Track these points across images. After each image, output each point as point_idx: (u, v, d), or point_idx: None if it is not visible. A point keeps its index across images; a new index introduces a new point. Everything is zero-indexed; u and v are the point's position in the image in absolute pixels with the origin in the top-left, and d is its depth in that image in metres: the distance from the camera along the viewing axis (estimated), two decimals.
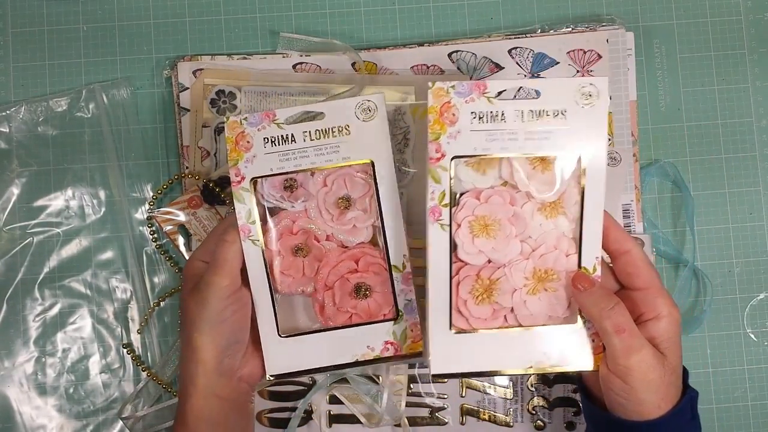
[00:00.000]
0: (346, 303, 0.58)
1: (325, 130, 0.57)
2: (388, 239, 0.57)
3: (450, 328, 0.55)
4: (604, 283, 0.55)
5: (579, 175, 0.54)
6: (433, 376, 0.56)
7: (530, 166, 0.54)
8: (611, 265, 0.57)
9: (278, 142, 0.57)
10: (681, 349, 0.54)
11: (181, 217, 0.70)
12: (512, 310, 0.56)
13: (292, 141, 0.57)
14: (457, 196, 0.55)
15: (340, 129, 0.57)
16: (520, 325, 0.56)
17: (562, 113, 0.53)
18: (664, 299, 0.54)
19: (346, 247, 0.59)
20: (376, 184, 0.57)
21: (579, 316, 0.55)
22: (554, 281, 0.55)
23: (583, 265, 0.55)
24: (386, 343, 0.58)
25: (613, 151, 0.68)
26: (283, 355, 0.58)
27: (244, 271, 0.57)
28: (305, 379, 0.68)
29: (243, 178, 0.57)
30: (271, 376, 0.58)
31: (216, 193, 0.69)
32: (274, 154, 0.57)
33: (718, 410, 0.71)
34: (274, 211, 0.59)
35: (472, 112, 0.53)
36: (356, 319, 0.58)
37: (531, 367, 0.55)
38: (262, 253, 0.57)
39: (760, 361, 0.71)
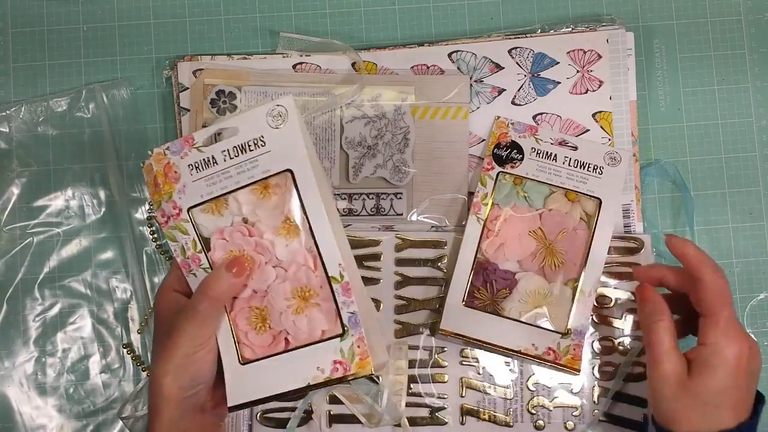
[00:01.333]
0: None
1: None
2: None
3: (239, 361, 0.57)
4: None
5: (294, 190, 0.57)
6: (229, 408, 0.57)
7: (255, 196, 0.58)
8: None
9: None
10: (732, 378, 0.55)
11: None
12: (287, 331, 0.58)
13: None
14: (209, 240, 0.58)
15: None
16: (300, 345, 0.57)
17: (260, 140, 0.57)
18: (714, 331, 0.56)
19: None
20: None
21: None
22: (315, 296, 0.57)
23: (330, 274, 0.56)
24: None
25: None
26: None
27: None
28: None
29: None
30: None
31: None
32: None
33: None
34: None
35: (189, 165, 0.57)
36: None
37: (309, 383, 0.56)
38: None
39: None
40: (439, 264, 0.69)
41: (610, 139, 0.71)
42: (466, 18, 0.73)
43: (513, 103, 0.71)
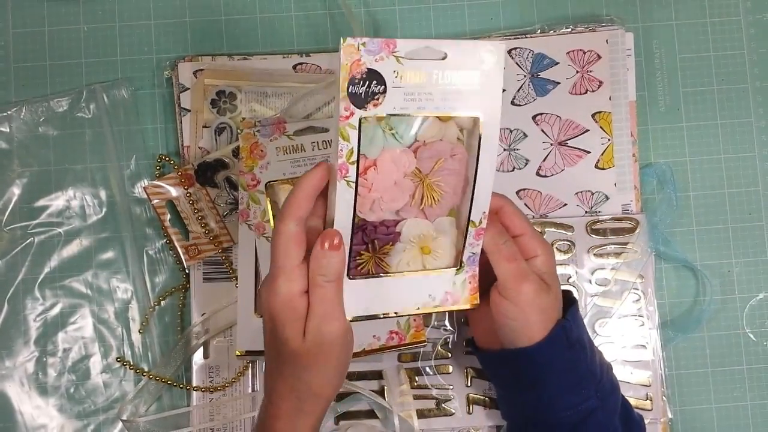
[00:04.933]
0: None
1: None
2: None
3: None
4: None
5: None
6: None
7: None
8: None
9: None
10: (558, 282, 0.60)
11: (172, 192, 0.70)
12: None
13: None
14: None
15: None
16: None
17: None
18: (537, 241, 0.60)
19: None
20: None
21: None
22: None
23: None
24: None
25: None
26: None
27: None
28: None
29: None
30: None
31: (208, 175, 0.69)
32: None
33: (717, 410, 0.71)
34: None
35: (276, 148, 0.67)
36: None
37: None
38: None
39: (760, 361, 0.72)
40: None
41: (609, 140, 0.71)
42: (466, 18, 0.73)
43: (512, 103, 0.72)
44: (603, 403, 0.59)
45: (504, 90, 0.71)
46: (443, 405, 0.69)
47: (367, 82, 0.53)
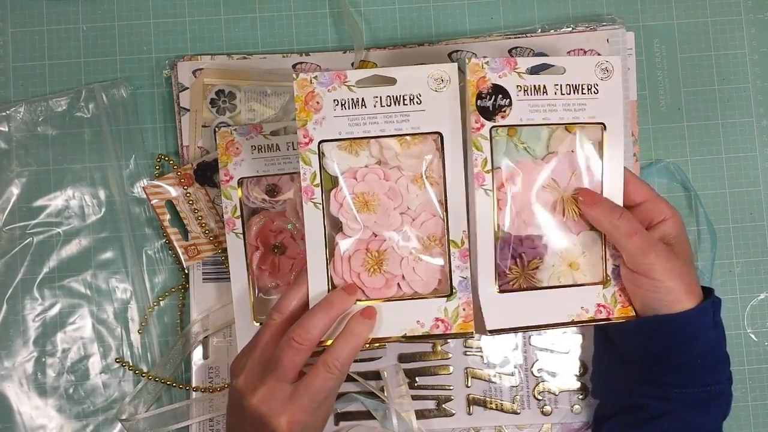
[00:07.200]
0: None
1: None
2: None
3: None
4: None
5: (440, 148, 0.58)
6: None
7: (398, 142, 0.58)
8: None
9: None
10: (689, 245, 0.60)
11: (171, 192, 0.69)
12: (403, 277, 0.59)
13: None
14: (337, 178, 0.58)
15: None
16: (415, 293, 0.59)
17: (417, 97, 0.58)
18: (664, 204, 0.60)
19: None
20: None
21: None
22: (440, 246, 0.59)
23: (451, 238, 0.58)
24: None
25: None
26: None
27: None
28: None
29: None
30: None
31: (208, 175, 0.69)
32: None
33: None
34: (256, 211, 0.66)
35: (334, 100, 0.57)
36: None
37: (405, 333, 0.58)
38: (245, 247, 0.63)
39: (761, 361, 0.71)
40: None
41: None
42: (466, 18, 0.73)
43: None
44: (727, 394, 0.60)
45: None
46: (443, 405, 0.69)
47: (494, 96, 0.58)
